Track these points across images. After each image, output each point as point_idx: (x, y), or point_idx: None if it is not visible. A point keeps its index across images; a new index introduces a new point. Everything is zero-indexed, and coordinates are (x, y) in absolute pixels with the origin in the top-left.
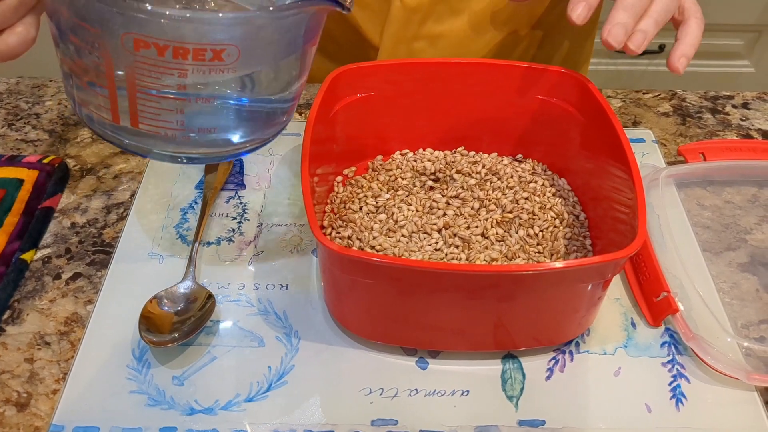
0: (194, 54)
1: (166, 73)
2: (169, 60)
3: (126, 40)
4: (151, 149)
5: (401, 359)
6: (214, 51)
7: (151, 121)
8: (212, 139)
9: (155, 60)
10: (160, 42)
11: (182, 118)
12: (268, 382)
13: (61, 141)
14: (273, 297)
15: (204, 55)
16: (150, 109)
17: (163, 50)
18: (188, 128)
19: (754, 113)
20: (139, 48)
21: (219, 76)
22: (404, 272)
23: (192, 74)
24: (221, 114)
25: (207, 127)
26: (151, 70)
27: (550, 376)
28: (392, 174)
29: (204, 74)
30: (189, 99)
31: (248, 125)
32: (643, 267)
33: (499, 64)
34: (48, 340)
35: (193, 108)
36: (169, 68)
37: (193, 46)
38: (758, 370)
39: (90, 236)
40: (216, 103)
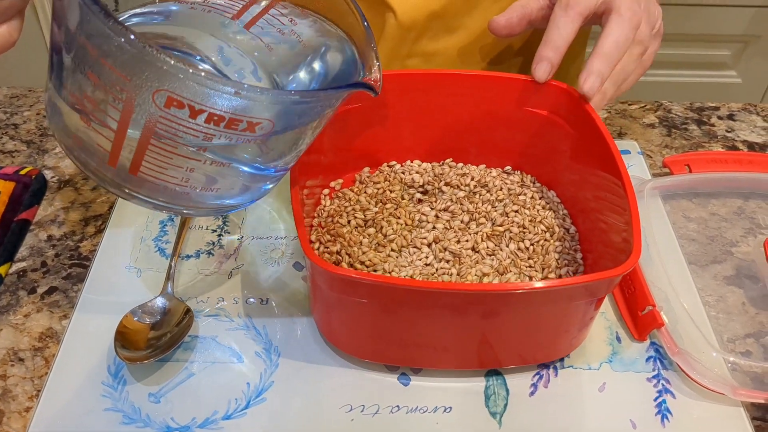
0: (229, 123)
1: (190, 134)
2: (200, 123)
3: (159, 96)
4: (134, 194)
5: (383, 375)
6: (250, 123)
7: (153, 173)
8: (208, 197)
9: (184, 120)
10: (197, 106)
11: (189, 175)
12: (247, 399)
13: (39, 152)
14: (253, 312)
15: (238, 126)
16: (157, 162)
17: (197, 114)
18: (191, 185)
19: (739, 125)
20: (171, 106)
21: (244, 145)
22: (394, 291)
23: (218, 139)
24: (228, 176)
25: (210, 187)
26: (176, 129)
27: (534, 392)
28: (380, 186)
29: (230, 141)
30: (204, 161)
31: (248, 188)
32: (629, 281)
33: (487, 75)
34: (21, 356)
35: (205, 169)
36: (196, 131)
37: (230, 116)
38: (744, 385)
39: (67, 249)
40: (231, 167)
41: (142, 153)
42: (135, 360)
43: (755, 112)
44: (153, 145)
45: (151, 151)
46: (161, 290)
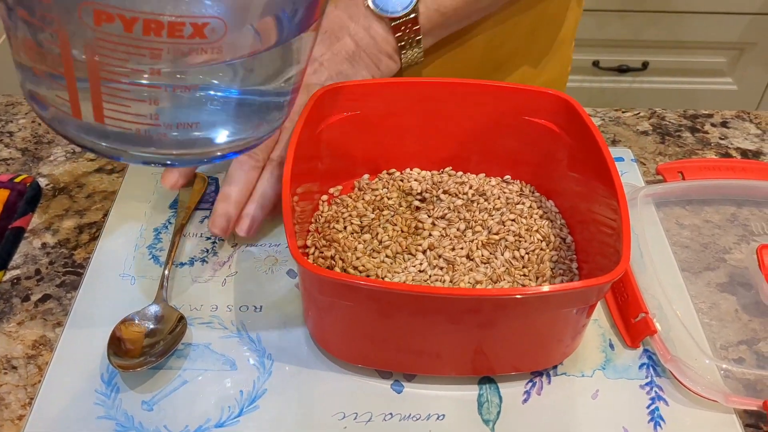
0: (170, 29)
1: (134, 54)
2: (139, 37)
3: (84, 12)
4: (122, 151)
5: (376, 382)
6: (195, 26)
7: (118, 115)
8: (193, 138)
9: (121, 37)
10: (127, 14)
11: (156, 110)
12: (240, 407)
13: (33, 160)
14: (246, 319)
15: (182, 31)
16: (116, 100)
17: (131, 24)
18: (164, 123)
19: (733, 132)
20: (101, 21)
21: (201, 58)
22: (382, 294)
23: (167, 55)
24: (204, 107)
25: (187, 122)
26: (117, 50)
27: (527, 399)
28: (378, 194)
29: (183, 56)
30: (164, 87)
31: (236, 121)
32: (622, 288)
33: (488, 84)
34: (15, 363)
35: (170, 99)
36: (138, 48)
37: (168, 20)
38: (737, 392)
39: (61, 257)
40: (198, 93)
41: (98, 93)
42: (129, 368)
43: (749, 120)
44: (104, 79)
45: (105, 87)
46: (155, 298)
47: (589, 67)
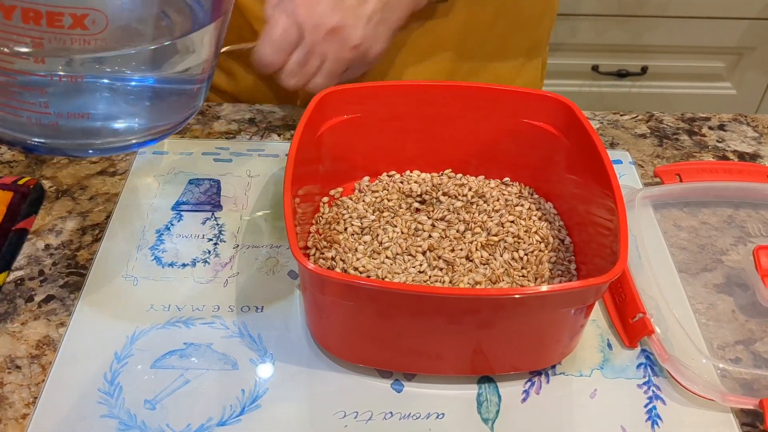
0: (48, 19)
1: (15, 42)
2: (18, 24)
3: None
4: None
5: (376, 381)
6: (74, 17)
7: (8, 102)
8: (90, 127)
9: (2, 26)
10: (6, 1)
11: (46, 99)
12: (242, 406)
13: (37, 162)
14: (248, 319)
15: (61, 21)
16: (3, 89)
17: (9, 12)
18: (54, 112)
19: (730, 135)
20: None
21: (84, 48)
22: (383, 295)
23: (49, 44)
24: (95, 97)
25: (78, 112)
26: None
27: (526, 399)
28: (378, 195)
29: (65, 45)
30: (50, 76)
31: (132, 111)
32: (620, 288)
33: (487, 87)
34: (19, 363)
35: (58, 87)
36: (19, 35)
37: (46, 9)
38: (734, 391)
39: (64, 258)
40: (87, 82)
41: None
42: None
43: (746, 123)
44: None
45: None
46: None
47: (588, 71)
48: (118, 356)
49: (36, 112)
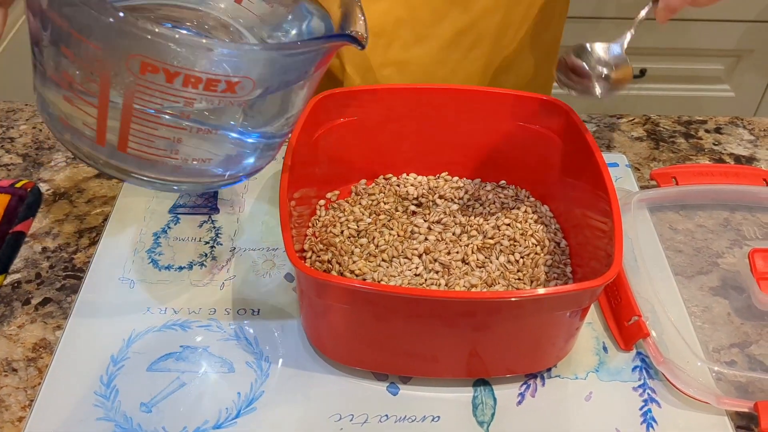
0: (207, 84)
1: (170, 101)
2: (178, 88)
3: (132, 63)
4: (131, 173)
5: (372, 384)
6: (229, 83)
7: (142, 147)
8: (203, 170)
9: (161, 86)
10: (171, 68)
11: (178, 146)
12: (237, 409)
13: (34, 165)
14: (244, 322)
15: (217, 87)
16: (143, 135)
17: (173, 77)
18: (182, 157)
19: (726, 138)
20: (146, 72)
21: (227, 108)
22: (379, 298)
23: (199, 104)
24: (219, 145)
25: (202, 158)
26: (154, 96)
27: (521, 401)
28: (375, 198)
29: (212, 105)
30: (190, 129)
31: (243, 158)
32: (615, 291)
33: (483, 90)
34: (15, 366)
35: (192, 138)
36: (175, 96)
37: (207, 76)
38: (729, 394)
39: (61, 261)
40: (218, 134)
41: (126, 127)
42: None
43: (742, 126)
44: (136, 117)
45: (136, 124)
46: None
47: None
48: (114, 359)
49: (166, 157)
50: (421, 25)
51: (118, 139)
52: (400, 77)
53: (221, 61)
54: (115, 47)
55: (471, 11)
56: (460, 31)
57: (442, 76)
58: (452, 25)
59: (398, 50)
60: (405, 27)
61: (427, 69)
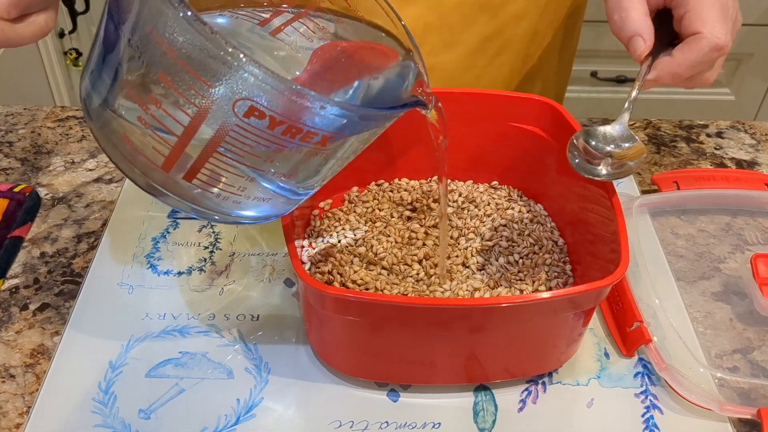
0: (304, 136)
1: (263, 145)
2: (276, 135)
3: (240, 105)
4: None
5: (372, 392)
6: (324, 137)
7: (210, 180)
8: (253, 207)
9: (260, 131)
10: (278, 117)
11: (247, 185)
12: (237, 415)
13: (33, 169)
14: (243, 328)
15: (312, 139)
16: (218, 170)
17: (276, 125)
18: (246, 195)
19: (728, 142)
20: (251, 116)
21: (308, 158)
22: (388, 309)
23: (287, 151)
24: (281, 188)
25: (262, 197)
26: (249, 139)
27: (522, 408)
28: (369, 205)
29: (298, 153)
30: (267, 171)
31: (289, 204)
32: (617, 297)
33: (472, 92)
34: (13, 372)
35: (264, 179)
36: (269, 141)
37: (308, 129)
38: (731, 400)
39: (59, 266)
40: (286, 179)
41: (203, 160)
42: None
43: (743, 130)
44: (219, 153)
45: (216, 159)
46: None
47: (587, 77)
48: (112, 365)
49: (230, 193)
50: (449, 31)
51: (189, 170)
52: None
53: (328, 119)
54: (227, 87)
55: (500, 18)
56: (487, 37)
57: (467, 82)
58: (480, 31)
59: (425, 56)
60: (434, 33)
61: (452, 74)
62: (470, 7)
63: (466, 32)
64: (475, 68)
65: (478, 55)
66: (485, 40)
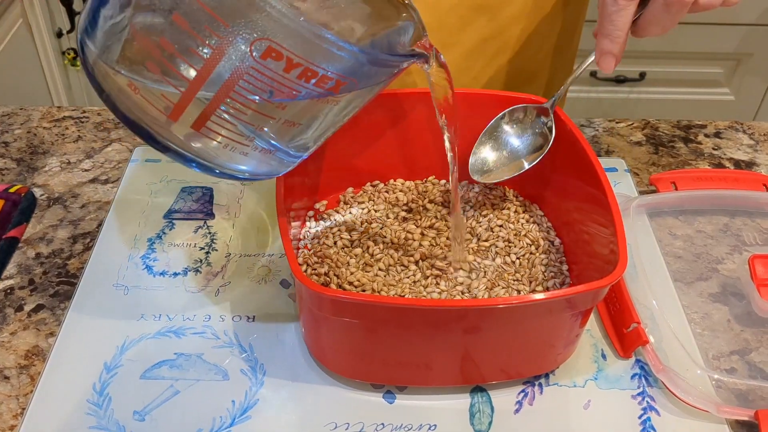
0: (319, 80)
1: (277, 89)
2: (291, 78)
3: (258, 45)
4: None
5: (368, 393)
6: (337, 81)
7: (219, 129)
8: (254, 160)
9: (276, 74)
10: (294, 59)
11: (256, 134)
12: (232, 417)
13: (29, 170)
14: (239, 329)
15: (326, 84)
16: (229, 117)
17: (292, 68)
18: (253, 145)
19: (726, 142)
20: (267, 57)
21: (320, 105)
22: (386, 311)
23: (300, 96)
24: (289, 139)
25: (269, 149)
26: (263, 82)
27: (519, 410)
28: (365, 207)
29: (311, 99)
30: (279, 119)
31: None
32: (614, 298)
33: (468, 92)
34: (7, 373)
35: (274, 127)
36: (284, 86)
37: (323, 72)
38: (729, 402)
39: (54, 267)
40: (294, 128)
41: (214, 107)
42: None
43: (742, 130)
44: (232, 99)
45: (227, 105)
46: None
47: (586, 77)
48: (107, 366)
49: (238, 143)
50: (447, 32)
51: (198, 117)
52: (423, 84)
53: (343, 61)
54: (245, 27)
55: (498, 19)
56: (485, 38)
57: (465, 84)
58: (478, 32)
59: None
60: (431, 34)
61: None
62: (467, 9)
63: (464, 33)
64: (474, 69)
65: (476, 56)
66: (483, 42)
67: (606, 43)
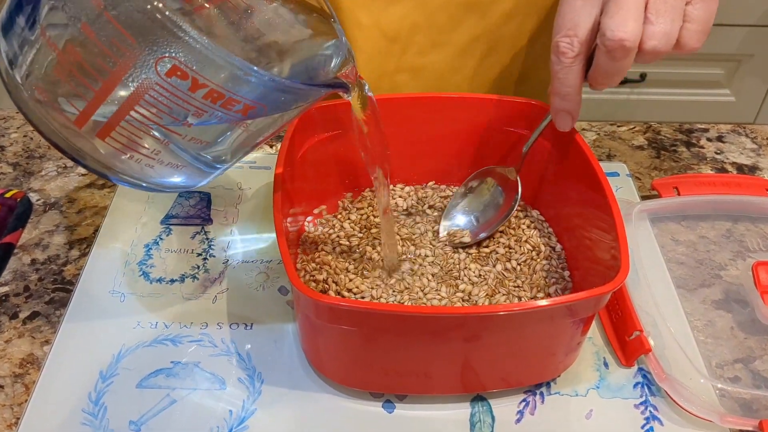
0: (225, 102)
1: (181, 107)
2: (197, 98)
3: (162, 63)
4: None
5: (367, 402)
6: (246, 105)
7: (123, 140)
8: (166, 172)
9: (181, 93)
10: (200, 80)
11: (161, 149)
12: (229, 427)
13: (25, 174)
14: (237, 337)
15: (233, 107)
16: (132, 130)
17: (198, 88)
18: (159, 160)
19: (728, 146)
20: (173, 76)
21: (226, 126)
22: (385, 318)
23: (206, 116)
24: (199, 157)
25: (177, 164)
26: (168, 99)
27: (520, 419)
28: (364, 212)
29: (217, 120)
30: (184, 136)
31: (203, 173)
32: (616, 305)
33: (467, 97)
34: (1, 382)
35: (179, 144)
36: (188, 104)
37: (230, 95)
38: (732, 411)
39: (50, 273)
40: (201, 145)
41: (119, 118)
42: None
43: (744, 134)
44: (136, 112)
45: (132, 118)
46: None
47: None
48: (103, 375)
49: (143, 156)
50: (437, 31)
51: (103, 127)
52: (414, 83)
53: (252, 86)
54: (152, 44)
55: (488, 17)
56: (476, 37)
57: (457, 83)
58: (469, 31)
59: (413, 56)
60: (421, 32)
61: (442, 75)
62: (457, 7)
63: (455, 32)
64: (466, 69)
65: (468, 55)
66: (474, 40)
67: (558, 102)
